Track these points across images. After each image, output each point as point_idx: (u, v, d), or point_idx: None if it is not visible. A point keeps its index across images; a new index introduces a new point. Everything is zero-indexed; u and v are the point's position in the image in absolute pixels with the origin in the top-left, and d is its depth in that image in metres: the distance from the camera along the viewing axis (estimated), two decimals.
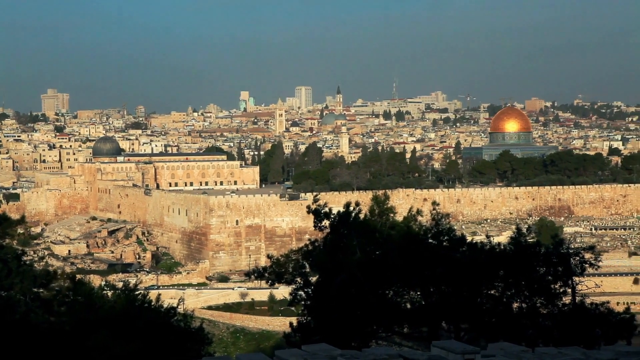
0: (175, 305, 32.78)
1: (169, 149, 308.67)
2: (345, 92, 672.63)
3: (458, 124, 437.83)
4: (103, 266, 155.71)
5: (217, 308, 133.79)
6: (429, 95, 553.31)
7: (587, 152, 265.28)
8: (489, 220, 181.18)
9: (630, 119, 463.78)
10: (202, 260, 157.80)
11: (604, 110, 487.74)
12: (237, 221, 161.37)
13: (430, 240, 32.51)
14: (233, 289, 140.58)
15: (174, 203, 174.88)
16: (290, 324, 32.36)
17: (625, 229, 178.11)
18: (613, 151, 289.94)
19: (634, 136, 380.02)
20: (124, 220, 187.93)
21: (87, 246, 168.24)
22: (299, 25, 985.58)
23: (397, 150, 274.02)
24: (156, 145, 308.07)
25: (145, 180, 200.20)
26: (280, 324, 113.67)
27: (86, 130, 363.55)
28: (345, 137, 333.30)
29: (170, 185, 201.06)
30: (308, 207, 34.50)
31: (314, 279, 32.56)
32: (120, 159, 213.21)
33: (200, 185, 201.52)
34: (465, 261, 31.04)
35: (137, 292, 31.13)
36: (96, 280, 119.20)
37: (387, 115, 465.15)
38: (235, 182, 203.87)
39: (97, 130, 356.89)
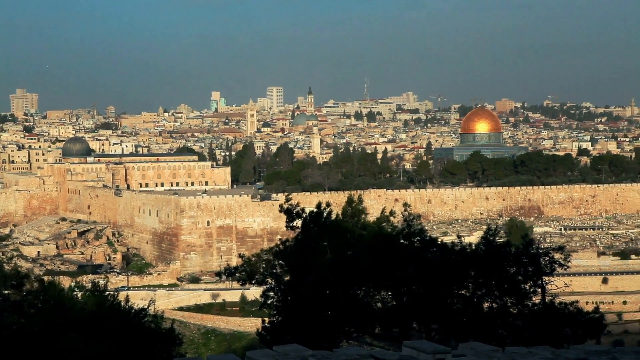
0: (145, 306, 32.64)
1: (139, 149, 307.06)
2: (317, 92, 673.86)
3: (429, 125, 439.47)
4: (73, 267, 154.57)
5: (188, 309, 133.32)
6: (400, 96, 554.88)
7: (557, 153, 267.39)
8: (459, 221, 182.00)
9: (598, 120, 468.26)
10: (173, 261, 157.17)
11: (573, 111, 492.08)
12: (208, 222, 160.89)
13: (401, 241, 32.59)
14: (204, 289, 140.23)
15: (144, 204, 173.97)
16: (263, 323, 32.30)
17: (594, 229, 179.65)
18: (582, 152, 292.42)
19: (603, 137, 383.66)
20: (94, 221, 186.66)
21: (57, 247, 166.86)
22: (270, 26, 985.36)
23: (369, 151, 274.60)
24: (127, 146, 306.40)
25: (116, 180, 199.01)
26: (252, 324, 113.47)
27: (56, 130, 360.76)
28: (316, 137, 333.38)
29: (140, 186, 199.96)
30: (280, 206, 34.49)
31: (285, 279, 32.53)
32: (90, 159, 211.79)
33: (171, 185, 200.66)
34: (436, 261, 31.16)
35: (106, 293, 30.96)
36: (66, 282, 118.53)
37: (358, 115, 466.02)
38: (207, 183, 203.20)
39: (66, 131, 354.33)
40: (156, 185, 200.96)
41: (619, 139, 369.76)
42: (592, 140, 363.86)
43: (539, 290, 31.46)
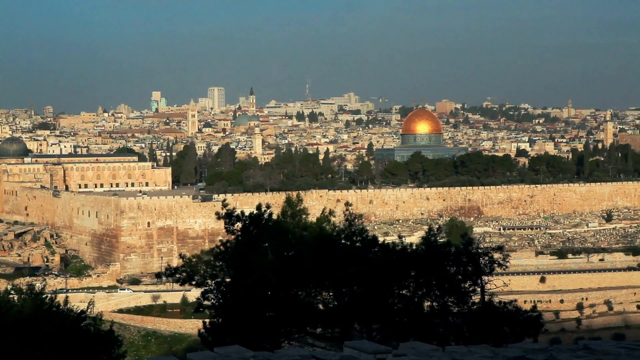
0: (84, 308, 32.21)
1: (78, 149, 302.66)
2: (259, 93, 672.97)
3: (370, 126, 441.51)
4: (9, 270, 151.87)
5: (128, 311, 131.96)
6: (341, 97, 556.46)
7: (496, 154, 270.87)
8: (400, 221, 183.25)
9: (536, 121, 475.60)
10: (113, 262, 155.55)
11: (512, 113, 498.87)
12: (148, 223, 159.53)
13: (342, 241, 32.65)
14: (144, 291, 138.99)
15: (83, 205, 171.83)
16: (204, 325, 32.11)
17: (532, 229, 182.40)
18: (520, 153, 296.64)
19: (541, 138, 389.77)
20: (31, 223, 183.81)
21: None
22: (211, 25, 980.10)
23: (310, 152, 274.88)
24: (65, 146, 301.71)
25: (54, 181, 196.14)
26: (193, 326, 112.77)
27: None
28: (258, 138, 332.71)
29: (79, 187, 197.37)
30: (217, 213, 34.34)
31: (226, 280, 32.37)
32: (27, 160, 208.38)
33: (111, 186, 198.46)
34: (377, 261, 31.28)
35: (44, 296, 30.47)
36: (2, 284, 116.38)
37: (300, 116, 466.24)
38: (147, 184, 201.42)
39: (3, 131, 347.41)
40: (95, 186, 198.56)
41: (556, 140, 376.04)
42: (530, 141, 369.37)
43: (479, 289, 31.77)
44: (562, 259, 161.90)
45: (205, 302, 32.34)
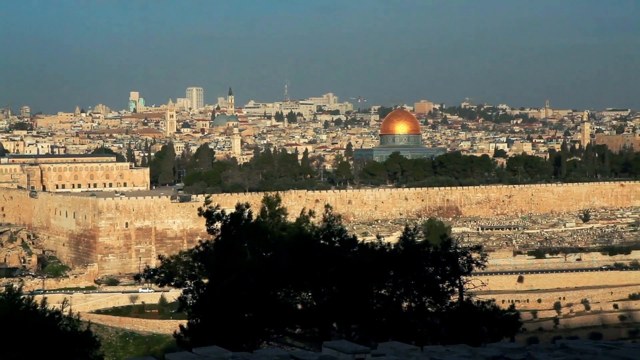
0: (61, 309, 32.00)
1: (55, 150, 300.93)
2: (237, 93, 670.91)
3: (349, 126, 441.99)
4: None
5: (106, 312, 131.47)
6: (320, 97, 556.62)
7: (474, 154, 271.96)
8: (379, 221, 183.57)
9: (514, 121, 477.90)
10: (91, 263, 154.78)
11: (490, 113, 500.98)
12: (126, 223, 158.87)
13: (321, 242, 32.64)
14: (122, 292, 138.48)
15: (61, 205, 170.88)
16: (181, 326, 32.00)
17: (510, 229, 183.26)
18: (499, 153, 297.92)
19: (518, 138, 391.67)
20: (8, 224, 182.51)
21: None
22: (189, 25, 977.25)
23: (289, 152, 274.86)
24: (42, 147, 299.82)
25: (31, 182, 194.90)
26: (171, 327, 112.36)
27: None
28: (237, 138, 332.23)
29: (57, 187, 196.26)
30: (199, 209, 34.16)
31: (204, 280, 32.29)
32: (4, 160, 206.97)
33: (89, 187, 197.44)
34: (356, 262, 31.29)
35: (21, 297, 30.25)
36: None
37: (279, 116, 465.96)
38: (125, 184, 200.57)
39: None
40: (73, 187, 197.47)
41: (534, 141, 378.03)
42: (508, 141, 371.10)
43: (457, 289, 31.85)
44: (540, 259, 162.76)
45: (185, 303, 32.25)
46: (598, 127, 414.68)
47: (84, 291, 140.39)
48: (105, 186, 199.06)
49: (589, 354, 14.87)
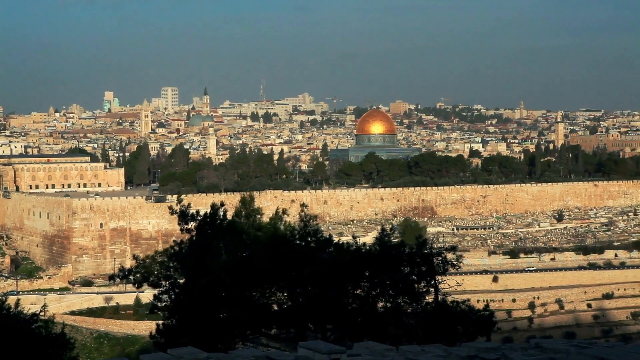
0: (36, 311, 31.77)
1: (29, 150, 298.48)
2: (213, 93, 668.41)
3: (325, 126, 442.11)
4: None
5: (81, 313, 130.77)
6: (296, 97, 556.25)
7: (449, 154, 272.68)
8: (355, 221, 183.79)
9: (489, 122, 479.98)
10: (65, 264, 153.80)
11: (465, 114, 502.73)
12: (101, 224, 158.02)
13: (297, 242, 32.63)
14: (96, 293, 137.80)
15: (34, 206, 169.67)
16: (157, 326, 31.86)
17: (485, 229, 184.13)
18: (473, 153, 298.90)
19: (493, 139, 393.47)
20: None
21: None
22: (164, 25, 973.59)
23: (265, 152, 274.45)
24: (15, 147, 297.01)
25: (4, 182, 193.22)
26: (146, 327, 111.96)
27: None
28: (212, 138, 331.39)
29: (30, 188, 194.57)
30: (170, 207, 34.03)
31: (180, 281, 32.17)
32: None
33: (63, 187, 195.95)
34: (331, 262, 31.31)
35: None
36: None
37: (254, 117, 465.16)
38: (100, 184, 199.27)
39: None
40: (47, 187, 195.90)
41: (508, 141, 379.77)
42: (483, 141, 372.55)
43: (432, 289, 31.96)
44: (514, 259, 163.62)
45: (160, 304, 32.10)
46: (572, 127, 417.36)
47: (58, 292, 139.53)
48: (79, 186, 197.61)
49: (562, 353, 14.97)
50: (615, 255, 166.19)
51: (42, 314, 31.82)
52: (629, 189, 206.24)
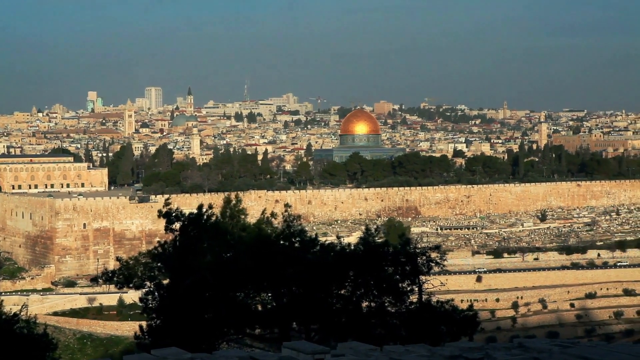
0: (18, 311, 31.60)
1: (12, 150, 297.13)
2: (197, 93, 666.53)
3: (309, 126, 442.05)
4: None
5: (64, 314, 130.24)
6: (280, 97, 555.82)
7: (433, 154, 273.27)
8: (339, 221, 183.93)
9: (473, 122, 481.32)
10: (48, 265, 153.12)
11: (448, 114, 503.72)
12: (84, 224, 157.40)
13: (281, 242, 32.61)
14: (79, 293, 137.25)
15: (17, 206, 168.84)
16: (140, 327, 31.75)
17: (468, 229, 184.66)
18: (457, 153, 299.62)
19: (477, 139, 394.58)
20: None
21: None
22: (148, 25, 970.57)
23: (249, 152, 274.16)
24: None
25: None
26: (130, 328, 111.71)
27: None
28: (196, 138, 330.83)
29: (13, 188, 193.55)
30: (159, 211, 33.88)
31: (164, 282, 32.08)
32: None
33: (46, 187, 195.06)
34: (316, 262, 31.31)
35: None
36: None
37: (238, 117, 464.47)
38: (83, 185, 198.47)
39: None
40: (30, 187, 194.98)
41: (492, 141, 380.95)
42: (467, 142, 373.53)
43: (416, 289, 32.00)
44: (498, 259, 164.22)
45: (147, 305, 31.99)
46: (555, 127, 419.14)
47: (41, 293, 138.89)
48: (62, 187, 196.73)
49: (545, 353, 15.03)
50: (598, 255, 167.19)
51: (22, 314, 31.67)
52: (611, 189, 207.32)
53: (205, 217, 32.45)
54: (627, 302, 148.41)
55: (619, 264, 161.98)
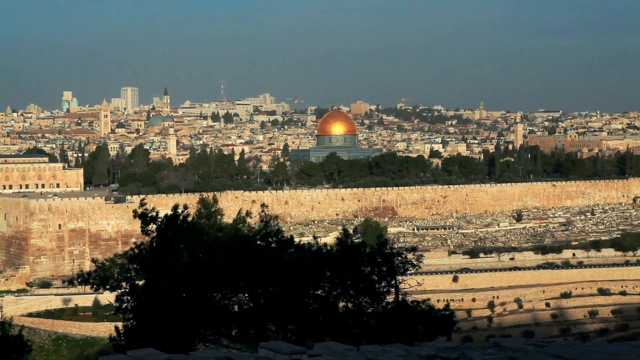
0: None
1: None
2: (173, 93, 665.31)
3: (286, 127, 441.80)
4: None
5: (39, 315, 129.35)
6: (257, 98, 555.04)
7: (410, 155, 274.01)
8: (316, 222, 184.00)
9: (449, 122, 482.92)
10: (22, 265, 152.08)
11: (425, 114, 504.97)
12: (59, 225, 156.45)
13: (258, 242, 32.59)
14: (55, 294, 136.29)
15: None
16: (116, 328, 31.62)
17: (445, 229, 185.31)
18: (434, 154, 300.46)
19: (453, 139, 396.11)
20: None
21: None
22: (124, 24, 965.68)
23: (226, 152, 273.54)
24: None
25: None
26: (106, 329, 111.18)
27: None
28: (172, 139, 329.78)
29: None
30: (135, 211, 33.71)
31: (140, 283, 31.95)
32: None
33: (20, 188, 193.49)
34: (292, 262, 31.32)
35: None
36: None
37: (215, 117, 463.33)
38: (58, 185, 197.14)
39: None
40: (4, 188, 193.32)
41: (468, 141, 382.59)
42: (443, 142, 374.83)
43: (393, 289, 32.08)
44: (474, 258, 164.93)
45: (122, 305, 31.85)
46: (530, 128, 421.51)
47: (16, 294, 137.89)
48: (37, 187, 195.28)
49: (521, 352, 15.12)
50: (573, 254, 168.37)
51: None
52: (586, 189, 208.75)
53: (181, 217, 32.35)
54: (602, 301, 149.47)
55: (593, 263, 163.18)
